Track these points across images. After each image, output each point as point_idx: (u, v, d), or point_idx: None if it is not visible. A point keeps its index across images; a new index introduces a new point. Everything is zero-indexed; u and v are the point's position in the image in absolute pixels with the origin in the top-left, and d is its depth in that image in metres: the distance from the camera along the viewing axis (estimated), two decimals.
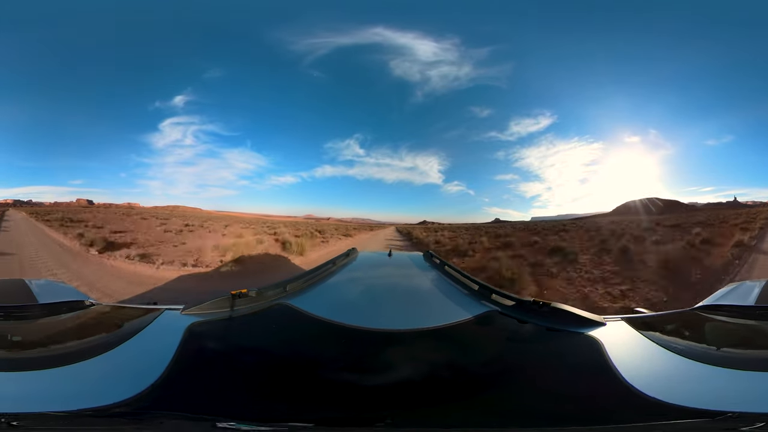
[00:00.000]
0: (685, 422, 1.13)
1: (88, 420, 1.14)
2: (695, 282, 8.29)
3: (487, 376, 1.39)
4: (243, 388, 1.31)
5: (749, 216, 13.99)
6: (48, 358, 1.51)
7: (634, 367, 1.37)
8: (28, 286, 2.34)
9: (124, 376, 1.36)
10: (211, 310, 1.78)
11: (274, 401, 1.26)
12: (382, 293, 2.28)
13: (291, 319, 1.71)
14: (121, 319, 2.05)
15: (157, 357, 1.40)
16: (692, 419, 1.13)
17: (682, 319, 2.12)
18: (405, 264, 2.99)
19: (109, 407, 1.16)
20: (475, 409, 1.22)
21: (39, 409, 1.14)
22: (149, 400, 1.20)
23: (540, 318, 1.66)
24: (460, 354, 1.51)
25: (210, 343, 1.61)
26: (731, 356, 1.60)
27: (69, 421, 1.12)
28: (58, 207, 17.30)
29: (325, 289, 2.14)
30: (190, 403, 1.24)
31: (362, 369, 1.41)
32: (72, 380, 1.32)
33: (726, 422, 1.11)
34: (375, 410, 1.22)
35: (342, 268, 2.60)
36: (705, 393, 1.27)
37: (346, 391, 1.29)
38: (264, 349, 1.58)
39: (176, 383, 1.30)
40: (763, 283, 2.28)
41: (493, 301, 1.84)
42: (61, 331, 1.95)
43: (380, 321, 1.66)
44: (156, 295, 7.05)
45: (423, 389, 1.29)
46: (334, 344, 1.53)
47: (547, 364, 1.46)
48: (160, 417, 1.18)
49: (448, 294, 2.10)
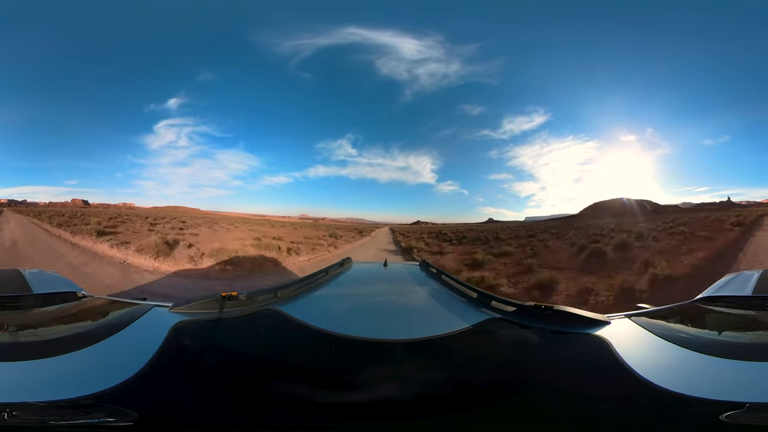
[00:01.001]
0: (704, 413, 1.12)
1: (59, 411, 1.11)
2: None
3: (495, 384, 1.36)
4: (222, 390, 1.27)
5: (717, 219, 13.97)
6: (34, 349, 1.51)
7: (645, 361, 1.36)
8: (23, 275, 2.34)
9: (103, 370, 1.33)
10: (199, 310, 1.76)
11: (254, 406, 1.23)
12: (376, 303, 2.24)
13: (280, 325, 1.68)
14: (110, 312, 2.04)
15: (139, 352, 1.38)
16: (709, 410, 1.12)
17: (683, 312, 2.13)
18: (401, 274, 2.95)
19: (77, 399, 1.14)
20: (484, 418, 1.18)
21: (17, 399, 1.12)
22: (123, 395, 1.17)
23: (543, 322, 1.64)
24: (464, 363, 1.49)
25: (194, 343, 1.58)
26: (735, 347, 1.60)
27: (43, 411, 1.10)
28: (53, 207, 17.24)
29: (316, 298, 2.10)
30: (163, 402, 1.22)
31: (350, 379, 1.37)
32: (53, 371, 1.31)
33: (745, 413, 1.10)
34: (364, 422, 1.19)
35: (335, 277, 2.56)
36: (714, 384, 1.27)
37: (329, 401, 1.25)
38: (250, 353, 1.55)
39: (154, 380, 1.27)
40: (760, 272, 2.31)
41: (493, 308, 1.81)
42: (50, 322, 1.94)
43: (373, 331, 1.63)
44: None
45: (418, 401, 1.25)
46: (323, 353, 1.49)
47: (557, 367, 1.44)
48: (130, 412, 1.14)
49: (445, 303, 2.06)
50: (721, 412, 1.10)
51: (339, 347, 1.49)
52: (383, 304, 2.21)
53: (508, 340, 1.66)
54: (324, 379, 1.35)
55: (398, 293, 2.43)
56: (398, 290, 2.48)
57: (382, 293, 2.44)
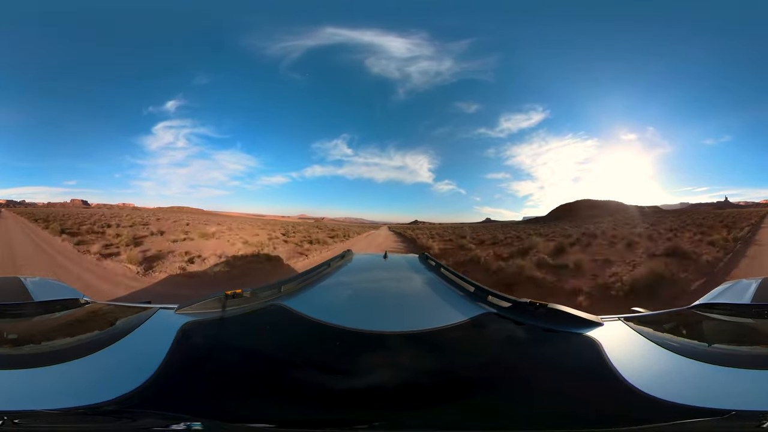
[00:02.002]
0: (686, 422, 1.12)
1: (78, 418, 1.13)
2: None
3: (484, 379, 1.37)
4: (235, 388, 1.29)
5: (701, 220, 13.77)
6: (41, 356, 1.50)
7: (634, 366, 1.36)
8: (24, 283, 2.33)
9: (115, 375, 1.34)
10: (204, 310, 1.77)
11: (266, 402, 1.25)
12: (377, 295, 2.26)
13: (285, 320, 1.70)
14: (115, 317, 2.05)
15: (149, 356, 1.39)
16: (693, 418, 1.12)
17: (679, 318, 2.12)
18: (400, 266, 2.97)
19: (99, 405, 1.15)
20: (470, 411, 1.20)
21: (31, 407, 1.13)
22: (140, 399, 1.19)
23: (536, 319, 1.64)
24: (456, 356, 1.50)
25: (203, 343, 1.59)
26: (729, 354, 1.59)
27: (59, 419, 1.12)
28: (53, 207, 17.27)
29: (319, 291, 2.12)
30: (180, 403, 1.22)
31: (356, 371, 1.39)
32: (64, 378, 1.31)
33: (726, 421, 1.10)
34: (368, 412, 1.21)
35: (337, 270, 2.58)
36: (704, 391, 1.26)
37: (340, 393, 1.27)
38: (257, 349, 1.56)
39: (168, 382, 1.29)
40: (759, 281, 2.29)
41: (489, 303, 1.83)
42: (55, 330, 1.95)
43: (375, 323, 1.65)
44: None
45: (416, 392, 1.28)
46: (328, 346, 1.51)
47: (545, 366, 1.45)
48: (149, 416, 1.16)
49: (443, 296, 2.09)
50: (706, 419, 1.10)
51: (343, 340, 1.51)
52: (384, 296, 2.25)
53: (500, 335, 1.66)
54: (329, 372, 1.37)
55: (399, 286, 2.46)
56: (399, 283, 2.51)
57: (384, 286, 2.48)
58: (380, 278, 2.66)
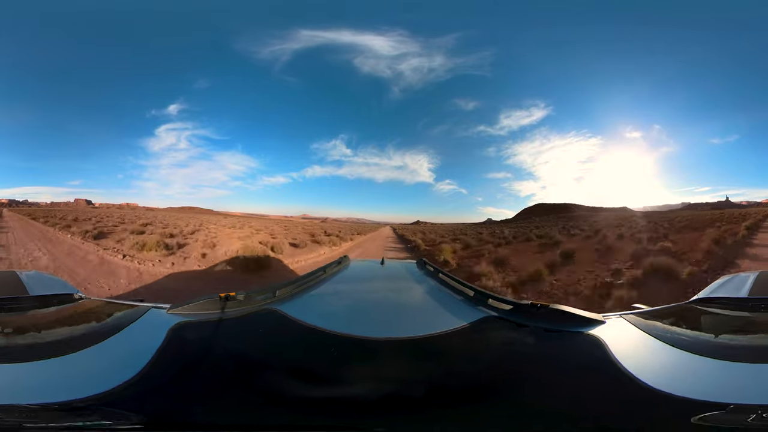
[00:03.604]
0: (696, 414, 1.13)
1: (53, 414, 1.11)
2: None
3: (488, 382, 1.37)
4: (222, 392, 1.27)
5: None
6: (30, 351, 1.51)
7: (639, 362, 1.37)
8: (20, 277, 2.34)
9: (99, 373, 1.32)
10: (197, 311, 1.76)
11: (254, 408, 1.23)
12: (374, 301, 2.24)
13: (279, 324, 1.68)
14: (107, 314, 2.04)
15: (137, 355, 1.37)
16: (701, 412, 1.13)
17: (679, 313, 2.14)
18: (398, 272, 2.94)
19: (73, 402, 1.13)
20: (474, 417, 1.19)
21: (8, 401, 1.12)
22: (121, 398, 1.17)
23: (538, 320, 1.65)
24: (458, 361, 1.49)
25: (193, 345, 1.58)
26: (727, 348, 1.61)
27: (34, 414, 1.10)
28: (56, 207, 17.34)
29: (315, 297, 2.10)
30: (162, 404, 1.21)
31: (351, 378, 1.38)
32: (47, 374, 1.31)
33: (726, 414, 1.11)
34: (360, 420, 1.19)
35: (333, 275, 2.55)
36: (704, 385, 1.28)
37: (333, 399, 1.26)
38: (249, 353, 1.54)
39: (152, 382, 1.27)
40: (756, 274, 2.33)
41: (489, 307, 1.82)
42: (47, 325, 1.94)
43: (371, 330, 1.63)
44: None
45: (415, 399, 1.26)
46: (322, 352, 1.49)
47: (550, 366, 1.45)
48: (128, 414, 1.14)
49: (442, 301, 2.07)
50: (708, 413, 1.11)
51: (337, 346, 1.50)
52: (381, 302, 2.22)
53: (502, 338, 1.66)
54: (323, 379, 1.36)
55: (396, 291, 2.43)
56: (396, 289, 2.48)
57: (380, 291, 2.45)
58: (377, 284, 2.63)
